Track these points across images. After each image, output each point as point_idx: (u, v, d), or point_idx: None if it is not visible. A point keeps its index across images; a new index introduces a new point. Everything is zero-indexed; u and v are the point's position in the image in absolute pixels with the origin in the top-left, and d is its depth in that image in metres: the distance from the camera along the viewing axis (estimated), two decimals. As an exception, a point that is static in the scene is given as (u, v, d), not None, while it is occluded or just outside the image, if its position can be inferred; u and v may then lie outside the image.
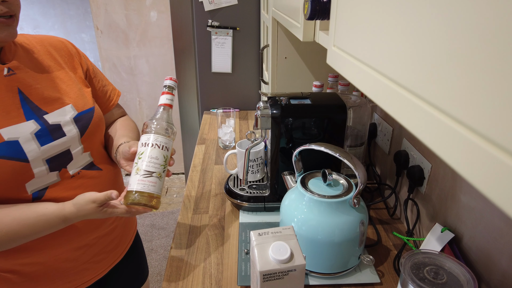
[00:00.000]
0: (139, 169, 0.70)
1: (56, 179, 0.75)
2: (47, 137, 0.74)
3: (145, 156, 0.71)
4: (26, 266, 0.77)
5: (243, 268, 0.84)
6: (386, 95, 0.35)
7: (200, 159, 1.40)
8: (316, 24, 0.70)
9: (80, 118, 0.80)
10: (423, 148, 0.89)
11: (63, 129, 0.76)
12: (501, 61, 0.19)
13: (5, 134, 0.68)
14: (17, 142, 0.69)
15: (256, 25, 1.83)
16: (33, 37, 0.82)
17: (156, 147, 0.72)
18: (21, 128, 0.70)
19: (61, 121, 0.76)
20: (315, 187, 0.80)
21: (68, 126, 0.77)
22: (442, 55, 0.25)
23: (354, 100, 0.96)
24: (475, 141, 0.22)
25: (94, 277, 0.89)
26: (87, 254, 0.85)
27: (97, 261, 0.88)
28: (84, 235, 0.83)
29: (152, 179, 0.70)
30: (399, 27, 0.32)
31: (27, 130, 0.71)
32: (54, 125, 0.75)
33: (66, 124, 0.77)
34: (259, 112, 0.93)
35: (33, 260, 0.77)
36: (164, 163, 0.72)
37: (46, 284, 0.81)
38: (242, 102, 2.01)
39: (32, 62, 0.77)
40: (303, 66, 1.34)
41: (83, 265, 0.85)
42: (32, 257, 0.77)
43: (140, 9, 2.44)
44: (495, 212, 0.64)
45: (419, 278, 0.59)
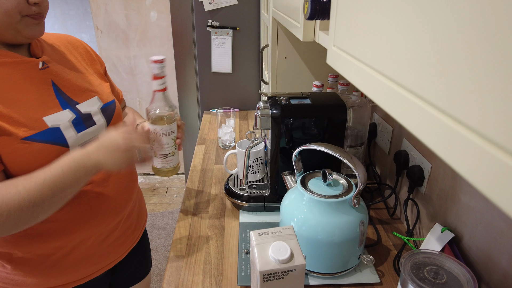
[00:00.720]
0: (156, 153, 0.85)
1: None
2: (81, 125, 0.80)
3: (158, 144, 0.84)
4: (54, 251, 0.81)
5: (243, 268, 0.84)
6: (386, 95, 0.35)
7: (200, 159, 1.40)
8: (316, 24, 0.70)
9: (105, 109, 0.87)
10: (423, 148, 0.89)
11: (93, 118, 0.83)
12: (501, 61, 0.19)
13: (48, 122, 0.74)
14: (58, 129, 0.75)
15: (256, 25, 1.83)
16: (51, 34, 0.88)
17: (163, 135, 0.84)
18: (61, 116, 0.76)
19: (91, 111, 0.83)
20: (315, 187, 0.80)
21: (97, 115, 0.84)
22: (442, 55, 0.25)
23: (354, 100, 0.96)
24: (475, 141, 0.22)
25: (114, 260, 0.93)
26: (111, 237, 0.89)
27: (118, 244, 0.92)
28: (110, 218, 0.87)
29: (168, 158, 0.86)
30: (399, 27, 0.32)
31: (66, 118, 0.77)
32: (86, 114, 0.82)
33: (95, 113, 0.84)
34: (259, 112, 0.93)
35: (62, 244, 0.81)
36: (173, 143, 0.86)
37: (72, 268, 0.84)
38: (242, 102, 2.01)
39: (58, 56, 0.84)
40: (303, 66, 1.34)
41: (107, 248, 0.89)
42: (61, 241, 0.80)
43: (140, 9, 2.44)
44: (495, 212, 0.64)
45: (419, 278, 0.59)
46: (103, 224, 0.86)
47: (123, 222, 0.92)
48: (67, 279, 0.85)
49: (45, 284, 0.83)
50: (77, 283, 0.86)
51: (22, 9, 0.67)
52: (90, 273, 0.88)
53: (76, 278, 0.86)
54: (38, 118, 0.73)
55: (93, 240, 0.85)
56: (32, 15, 0.69)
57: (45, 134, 0.72)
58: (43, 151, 0.71)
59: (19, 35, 0.70)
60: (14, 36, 0.70)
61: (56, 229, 0.78)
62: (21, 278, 0.81)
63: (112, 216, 0.87)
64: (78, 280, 0.86)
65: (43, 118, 0.73)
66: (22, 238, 0.76)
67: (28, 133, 0.70)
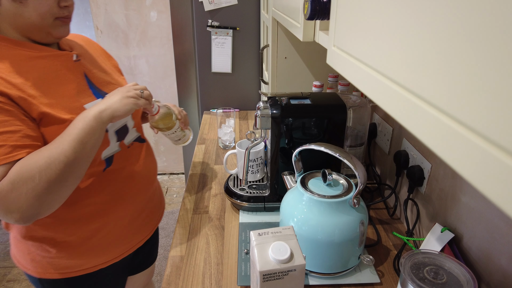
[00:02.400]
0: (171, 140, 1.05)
1: (118, 149, 0.89)
2: None
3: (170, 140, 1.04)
4: (95, 232, 0.87)
5: (243, 268, 0.84)
6: (386, 95, 0.35)
7: (200, 159, 1.40)
8: (316, 24, 0.70)
9: None
10: (423, 148, 0.89)
11: None
12: (501, 61, 0.19)
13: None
14: None
15: (256, 25, 1.83)
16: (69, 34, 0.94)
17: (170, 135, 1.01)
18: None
19: None
20: (315, 187, 0.80)
21: None
22: (442, 55, 0.25)
23: (354, 100, 0.96)
24: (475, 141, 0.22)
25: (142, 239, 1.01)
26: (141, 215, 0.98)
27: (146, 223, 1.01)
28: (141, 195, 0.96)
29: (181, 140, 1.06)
30: (399, 27, 0.32)
31: None
32: None
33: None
34: (259, 112, 0.93)
35: (101, 225, 0.88)
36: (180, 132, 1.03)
37: (110, 247, 0.92)
38: (242, 102, 2.01)
39: (83, 51, 0.91)
40: (303, 66, 1.34)
41: (136, 228, 0.97)
42: (101, 222, 0.88)
43: (140, 9, 2.44)
44: (495, 212, 0.64)
45: (419, 278, 0.59)
46: (136, 202, 0.94)
47: (150, 200, 1.01)
48: (105, 258, 0.92)
49: (86, 264, 0.89)
50: (113, 261, 0.94)
51: (54, 13, 0.74)
52: (124, 251, 0.96)
53: (113, 256, 0.94)
54: (80, 105, 0.80)
55: (128, 219, 0.93)
56: (62, 18, 0.76)
57: None
58: None
59: (49, 35, 0.77)
60: (45, 36, 0.77)
61: (96, 212, 0.85)
62: (64, 261, 0.87)
63: (142, 193, 0.96)
64: (114, 258, 0.94)
65: (84, 106, 0.80)
66: (64, 221, 0.82)
67: (73, 119, 0.75)
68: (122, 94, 0.77)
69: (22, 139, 0.68)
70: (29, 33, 0.75)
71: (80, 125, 0.71)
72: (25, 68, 0.74)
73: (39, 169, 0.66)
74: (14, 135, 0.67)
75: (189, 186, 1.20)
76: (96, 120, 0.72)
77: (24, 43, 0.76)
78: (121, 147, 0.89)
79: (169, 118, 0.95)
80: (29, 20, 0.72)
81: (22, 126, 0.69)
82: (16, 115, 0.69)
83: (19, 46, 0.75)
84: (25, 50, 0.75)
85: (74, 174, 0.71)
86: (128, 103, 0.76)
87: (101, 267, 0.92)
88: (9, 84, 0.70)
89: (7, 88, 0.69)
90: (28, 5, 0.70)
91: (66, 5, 0.75)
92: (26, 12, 0.71)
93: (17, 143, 0.67)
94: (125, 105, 0.76)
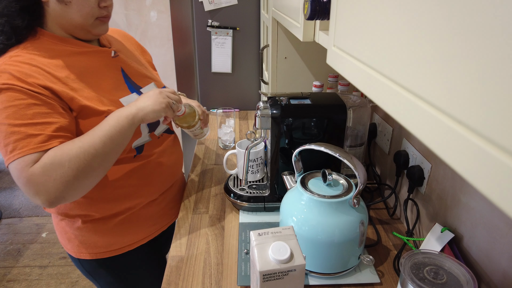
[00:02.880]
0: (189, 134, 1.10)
1: (148, 139, 0.95)
2: None
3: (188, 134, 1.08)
4: (125, 210, 0.95)
5: (243, 268, 0.84)
6: (386, 95, 0.35)
7: (200, 159, 1.40)
8: (316, 24, 0.70)
9: None
10: (423, 148, 0.89)
11: None
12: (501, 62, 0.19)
13: (124, 102, 0.88)
14: None
15: (256, 25, 1.83)
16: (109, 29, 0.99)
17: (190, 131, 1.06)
18: (132, 98, 0.90)
19: None
20: (315, 187, 0.80)
21: None
22: (442, 55, 0.25)
23: (354, 100, 0.96)
24: (475, 141, 0.22)
25: (167, 223, 1.09)
26: (166, 199, 1.05)
27: (170, 207, 1.09)
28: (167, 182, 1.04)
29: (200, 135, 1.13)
30: (399, 27, 0.32)
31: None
32: None
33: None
34: (259, 112, 0.92)
35: (131, 205, 0.95)
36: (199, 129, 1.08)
37: (137, 226, 0.99)
38: (242, 102, 2.01)
39: (121, 46, 0.98)
40: (303, 66, 1.34)
41: (162, 210, 1.05)
42: (131, 203, 0.95)
43: (140, 9, 2.44)
44: (495, 212, 0.64)
45: (419, 278, 0.59)
46: (163, 187, 1.02)
47: (174, 187, 1.10)
48: (133, 238, 0.99)
49: (114, 245, 0.96)
50: (139, 243, 1.00)
51: (94, 13, 0.81)
52: (150, 233, 1.02)
53: (140, 237, 1.00)
54: (116, 99, 0.87)
55: (156, 202, 1.01)
56: (101, 18, 0.83)
57: None
58: None
59: (89, 34, 0.85)
60: (85, 34, 0.85)
61: (126, 194, 0.93)
62: (94, 239, 0.94)
63: (169, 180, 1.04)
64: (141, 239, 1.00)
65: (120, 100, 0.87)
66: (97, 201, 0.90)
67: (111, 112, 0.81)
68: (156, 100, 0.82)
69: (58, 130, 0.74)
70: (72, 31, 0.83)
71: (112, 122, 0.77)
72: (69, 63, 0.81)
73: (69, 157, 0.72)
74: (51, 126, 0.74)
75: (189, 186, 1.20)
76: (128, 121, 0.78)
77: (68, 40, 0.83)
78: (151, 138, 0.96)
79: (193, 118, 0.99)
80: (72, 20, 0.80)
81: (60, 118, 0.75)
82: (56, 108, 0.75)
83: (64, 42, 0.82)
84: (69, 46, 0.83)
85: (101, 165, 0.77)
86: (159, 110, 0.81)
87: (128, 248, 0.98)
88: (54, 78, 0.77)
89: (52, 83, 0.76)
90: (72, 7, 0.78)
91: (106, 5, 0.82)
92: (70, 13, 0.78)
93: (53, 134, 0.73)
94: (156, 112, 0.81)
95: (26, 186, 0.71)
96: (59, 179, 0.71)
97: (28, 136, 0.71)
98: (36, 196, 0.72)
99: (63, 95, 0.77)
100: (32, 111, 0.72)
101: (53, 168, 0.71)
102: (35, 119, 0.72)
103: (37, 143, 0.71)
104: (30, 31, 0.79)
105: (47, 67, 0.77)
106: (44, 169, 0.70)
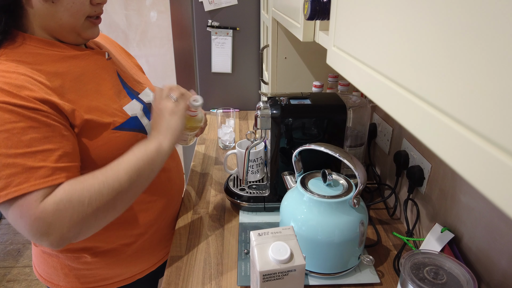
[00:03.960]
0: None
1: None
2: (148, 113, 0.85)
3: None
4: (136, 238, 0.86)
5: (243, 268, 0.84)
6: (386, 95, 0.35)
7: (200, 159, 1.40)
8: (316, 24, 0.70)
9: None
10: (423, 148, 0.89)
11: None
12: (501, 61, 0.19)
13: (128, 111, 0.79)
14: (136, 117, 0.81)
15: (256, 25, 1.83)
16: None
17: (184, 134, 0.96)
18: (134, 106, 0.82)
19: (150, 100, 0.88)
20: (315, 187, 0.80)
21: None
22: (442, 55, 0.25)
23: (354, 100, 0.96)
24: (475, 141, 0.22)
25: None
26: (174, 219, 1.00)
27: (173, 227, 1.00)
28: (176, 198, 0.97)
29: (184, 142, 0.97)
30: (399, 27, 0.32)
31: (138, 108, 0.82)
32: (148, 104, 0.87)
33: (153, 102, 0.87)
34: (259, 112, 0.92)
35: (142, 230, 0.87)
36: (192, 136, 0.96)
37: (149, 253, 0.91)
38: (242, 102, 2.01)
39: (109, 49, 0.88)
40: (303, 66, 1.34)
41: (172, 231, 0.98)
42: (141, 228, 0.87)
43: (140, 9, 2.44)
44: (495, 212, 0.64)
45: (419, 278, 0.59)
46: (173, 197, 0.95)
47: (180, 193, 1.02)
48: (144, 266, 0.90)
49: (125, 274, 0.87)
50: (153, 268, 0.93)
51: (86, 11, 0.70)
52: (161, 258, 0.96)
53: (154, 261, 0.93)
54: (120, 108, 0.77)
55: (164, 222, 0.94)
56: (92, 19, 0.73)
57: (130, 123, 0.78)
58: (131, 139, 0.77)
59: (78, 37, 0.74)
60: (74, 38, 0.74)
61: (139, 212, 0.84)
62: (103, 272, 0.84)
63: (176, 187, 0.97)
64: (155, 263, 0.93)
65: (123, 108, 0.78)
66: (107, 229, 0.74)
67: (117, 123, 0.75)
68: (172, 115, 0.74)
69: (61, 159, 0.63)
70: (59, 34, 0.72)
71: (140, 155, 0.68)
72: (61, 69, 0.70)
73: (90, 193, 0.62)
74: (54, 153, 0.62)
75: (189, 186, 1.20)
76: (158, 153, 0.70)
77: (56, 43, 0.72)
78: None
79: (197, 124, 0.90)
80: (60, 20, 0.69)
81: (62, 142, 0.64)
82: (57, 129, 0.64)
83: (51, 46, 0.71)
84: (58, 50, 0.72)
85: (124, 202, 0.68)
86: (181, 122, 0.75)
87: (139, 276, 0.89)
88: (49, 89, 0.65)
89: (49, 95, 0.64)
90: (60, 5, 0.67)
91: (99, 2, 0.72)
92: (58, 12, 0.68)
93: (57, 165, 0.62)
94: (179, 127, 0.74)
95: (32, 226, 0.59)
96: (76, 218, 0.61)
97: (26, 169, 0.59)
98: (43, 236, 0.60)
99: (64, 108, 0.66)
100: (29, 137, 0.60)
101: (71, 206, 0.60)
102: (33, 147, 0.60)
103: (39, 178, 0.59)
104: (7, 35, 0.67)
105: (37, 75, 0.65)
106: (59, 207, 0.60)
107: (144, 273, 0.90)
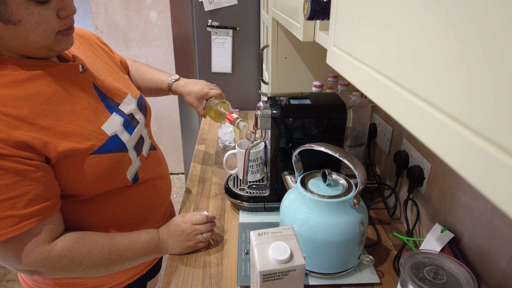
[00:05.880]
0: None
1: (140, 163, 0.84)
2: (130, 126, 0.81)
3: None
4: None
5: (243, 268, 0.84)
6: (386, 95, 0.35)
7: (200, 159, 1.40)
8: (316, 24, 0.70)
9: (140, 105, 0.87)
10: (423, 148, 0.89)
11: (135, 117, 0.84)
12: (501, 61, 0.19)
13: (107, 130, 0.74)
14: (116, 135, 0.75)
15: (256, 25, 1.83)
16: None
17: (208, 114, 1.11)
18: (113, 122, 0.76)
19: (132, 110, 0.83)
20: (315, 187, 0.80)
21: (137, 113, 0.85)
22: (442, 55, 0.25)
23: (354, 100, 0.96)
24: (474, 141, 0.22)
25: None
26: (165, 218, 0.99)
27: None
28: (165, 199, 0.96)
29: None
30: (399, 27, 0.32)
31: (118, 123, 0.77)
32: (130, 115, 0.82)
33: (135, 112, 0.84)
34: (259, 112, 0.92)
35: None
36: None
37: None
38: (242, 102, 2.01)
39: (84, 56, 0.80)
40: (303, 66, 1.34)
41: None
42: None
43: (140, 9, 2.44)
44: (495, 212, 0.64)
45: (419, 278, 0.59)
46: (162, 207, 0.95)
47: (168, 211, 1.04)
48: (134, 271, 0.90)
49: (115, 281, 0.88)
50: (142, 272, 0.93)
51: (54, 27, 0.62)
52: (150, 262, 0.95)
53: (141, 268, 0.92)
54: (97, 128, 0.72)
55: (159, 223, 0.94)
56: (64, 32, 0.65)
57: (109, 144, 0.73)
58: (111, 161, 0.73)
59: (51, 51, 0.66)
60: (47, 53, 0.66)
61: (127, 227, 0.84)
62: (93, 281, 0.84)
63: (166, 198, 0.96)
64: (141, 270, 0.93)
65: (101, 128, 0.73)
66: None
67: (95, 147, 0.70)
68: (182, 244, 0.85)
69: (31, 203, 0.60)
70: (28, 52, 0.64)
71: (145, 252, 0.79)
72: (29, 91, 0.62)
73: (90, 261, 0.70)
74: (22, 199, 0.59)
75: (189, 186, 1.20)
76: (155, 254, 0.82)
77: (19, 61, 0.64)
78: (141, 161, 0.84)
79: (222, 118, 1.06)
80: (27, 41, 0.61)
81: (31, 186, 0.60)
82: (26, 173, 0.59)
83: (14, 64, 0.63)
84: (23, 68, 0.64)
85: (112, 270, 0.76)
86: (186, 248, 0.86)
87: (129, 281, 0.90)
88: (16, 119, 0.59)
89: (15, 128, 0.58)
90: (23, 26, 0.59)
91: (67, 14, 0.63)
92: (23, 34, 0.60)
93: (26, 211, 0.60)
94: (183, 248, 0.86)
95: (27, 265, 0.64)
96: (68, 273, 0.69)
97: None
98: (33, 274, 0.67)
99: (35, 143, 0.60)
100: None
101: (70, 264, 0.68)
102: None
103: (6, 227, 0.58)
104: None
105: (1, 105, 0.58)
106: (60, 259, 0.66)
107: (133, 278, 0.91)
